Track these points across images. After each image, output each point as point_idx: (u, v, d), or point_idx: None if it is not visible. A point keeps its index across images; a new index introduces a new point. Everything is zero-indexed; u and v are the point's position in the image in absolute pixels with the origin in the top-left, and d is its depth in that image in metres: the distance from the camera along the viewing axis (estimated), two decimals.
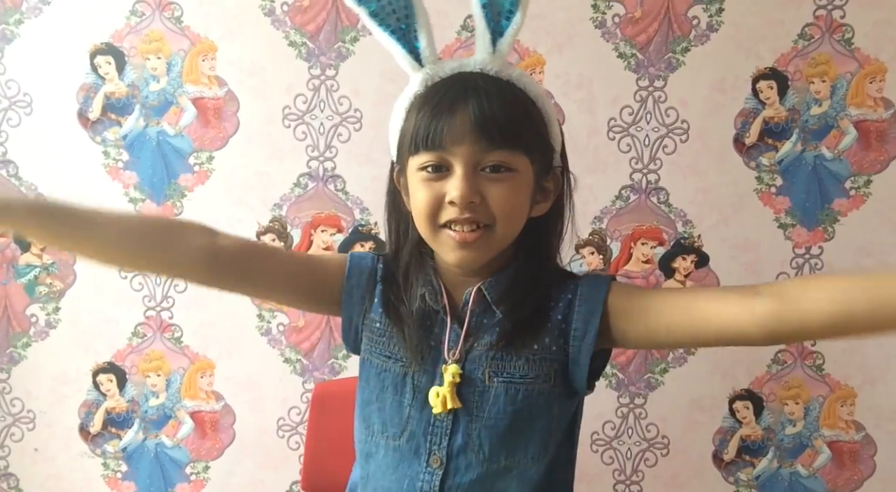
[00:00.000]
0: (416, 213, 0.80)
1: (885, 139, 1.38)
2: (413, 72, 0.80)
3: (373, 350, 0.86)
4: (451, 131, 0.75)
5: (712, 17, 1.36)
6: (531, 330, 0.81)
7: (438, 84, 0.79)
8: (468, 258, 0.78)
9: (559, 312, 0.82)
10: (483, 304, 0.82)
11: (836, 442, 1.47)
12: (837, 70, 1.37)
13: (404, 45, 0.80)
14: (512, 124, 0.76)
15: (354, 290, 0.87)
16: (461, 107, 0.75)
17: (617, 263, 1.43)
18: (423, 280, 0.84)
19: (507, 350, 0.81)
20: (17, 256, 1.44)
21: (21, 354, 1.47)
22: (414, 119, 0.78)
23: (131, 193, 1.43)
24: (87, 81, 1.40)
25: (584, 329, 0.80)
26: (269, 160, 1.41)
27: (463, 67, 0.80)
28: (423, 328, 0.83)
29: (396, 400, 0.83)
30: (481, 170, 0.76)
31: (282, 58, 1.38)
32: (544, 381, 0.81)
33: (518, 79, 0.80)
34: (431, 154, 0.76)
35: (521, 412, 0.81)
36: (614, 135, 1.40)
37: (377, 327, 0.86)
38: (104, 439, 1.50)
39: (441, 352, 0.82)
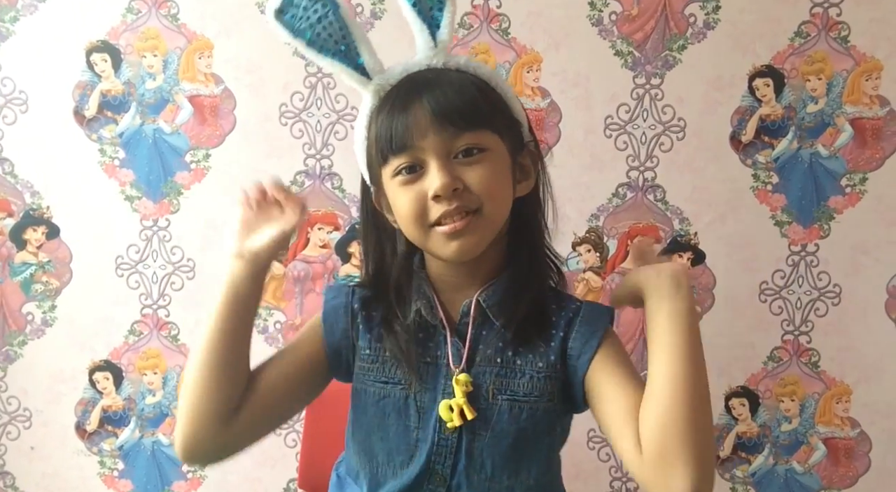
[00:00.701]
0: (403, 219, 0.78)
1: (881, 137, 1.38)
2: (363, 88, 0.80)
3: (366, 379, 0.83)
4: (412, 127, 0.74)
5: (709, 15, 1.36)
6: (533, 344, 0.80)
7: (390, 91, 0.79)
8: (464, 247, 0.76)
9: (560, 330, 0.81)
10: (482, 315, 0.81)
11: (832, 439, 1.48)
12: (833, 68, 1.37)
13: (348, 65, 0.79)
14: (471, 106, 0.75)
15: (335, 327, 0.84)
16: (416, 103, 0.74)
17: (613, 260, 1.43)
18: (417, 294, 0.82)
19: (510, 366, 0.80)
20: (13, 254, 1.44)
21: (17, 353, 1.47)
22: (375, 130, 0.77)
23: (127, 191, 1.43)
24: (82, 79, 1.40)
25: (580, 349, 0.80)
26: (266, 158, 1.41)
27: (409, 69, 0.80)
28: (418, 345, 0.81)
29: (402, 425, 0.81)
30: (454, 157, 0.75)
31: (278, 55, 1.38)
32: (548, 399, 0.80)
33: (465, 65, 0.80)
34: (401, 156, 0.75)
35: (526, 431, 0.80)
36: (611, 132, 1.40)
37: (367, 355, 0.83)
38: (101, 437, 1.50)
39: (440, 367, 0.81)
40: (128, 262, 1.44)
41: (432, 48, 0.79)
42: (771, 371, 1.46)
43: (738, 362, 1.45)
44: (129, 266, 1.44)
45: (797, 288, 1.43)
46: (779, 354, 1.45)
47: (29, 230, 1.43)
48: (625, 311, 1.43)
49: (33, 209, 1.43)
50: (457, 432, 0.79)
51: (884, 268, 1.42)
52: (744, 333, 1.44)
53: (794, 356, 1.45)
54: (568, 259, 1.42)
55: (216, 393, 0.76)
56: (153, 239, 1.44)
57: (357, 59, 0.79)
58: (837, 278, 1.43)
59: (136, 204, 1.43)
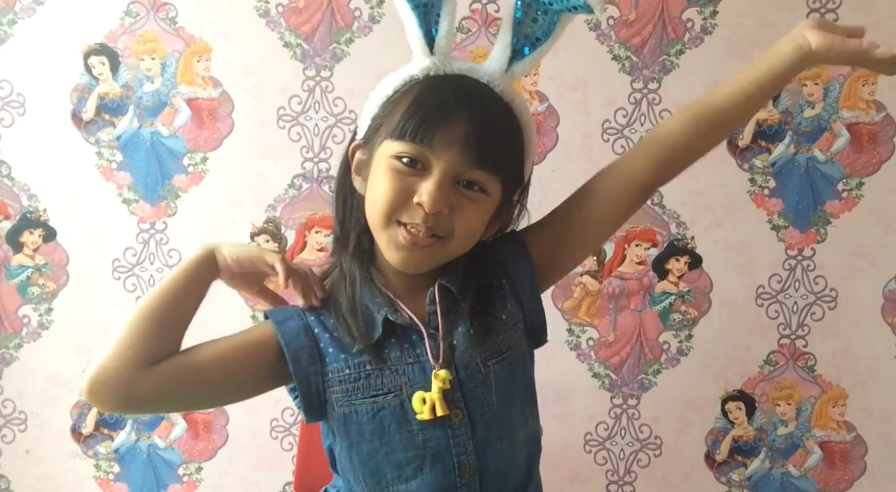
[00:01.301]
0: (374, 201, 0.76)
1: (878, 142, 1.39)
2: (421, 55, 0.77)
3: (354, 399, 0.79)
4: (443, 133, 0.71)
5: (706, 20, 1.37)
6: (493, 303, 0.81)
7: (441, 79, 0.76)
8: (412, 261, 0.76)
9: (503, 277, 0.83)
10: (448, 298, 0.79)
11: (828, 443, 1.48)
12: (830, 72, 1.38)
13: (422, 25, 0.75)
14: (502, 148, 0.75)
15: (301, 352, 0.79)
16: (464, 112, 0.72)
17: (611, 264, 1.43)
18: (375, 305, 0.79)
19: (485, 332, 0.80)
20: (10, 257, 1.44)
21: (13, 355, 1.46)
22: (407, 105, 0.74)
23: (125, 194, 1.43)
24: (80, 82, 1.40)
25: (527, 281, 0.82)
26: (264, 161, 1.41)
27: (472, 72, 0.77)
28: (398, 349, 0.79)
29: (405, 432, 0.78)
30: (457, 182, 0.74)
31: (276, 59, 1.38)
32: (520, 343, 0.83)
33: (519, 106, 0.78)
34: (414, 147, 0.73)
35: (519, 383, 0.82)
36: (608, 137, 1.40)
37: (347, 375, 0.78)
38: (96, 440, 1.49)
39: (424, 364, 0.78)
40: (125, 265, 1.44)
41: (503, 71, 0.78)
42: (767, 375, 1.46)
43: (734, 366, 1.45)
44: (125, 269, 1.44)
45: (794, 292, 1.43)
46: (775, 358, 1.45)
47: (26, 233, 1.43)
48: (622, 314, 1.44)
49: (30, 212, 1.42)
50: (465, 419, 0.78)
51: (880, 272, 1.42)
52: (740, 337, 1.45)
53: (790, 360, 1.45)
54: None
55: (140, 340, 0.75)
56: (150, 242, 1.44)
57: (433, 25, 0.76)
58: (834, 283, 1.43)
59: (134, 207, 1.43)
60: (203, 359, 0.79)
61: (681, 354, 1.46)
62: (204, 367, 0.78)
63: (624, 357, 1.45)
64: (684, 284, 1.43)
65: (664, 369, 1.46)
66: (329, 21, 1.38)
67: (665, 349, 1.46)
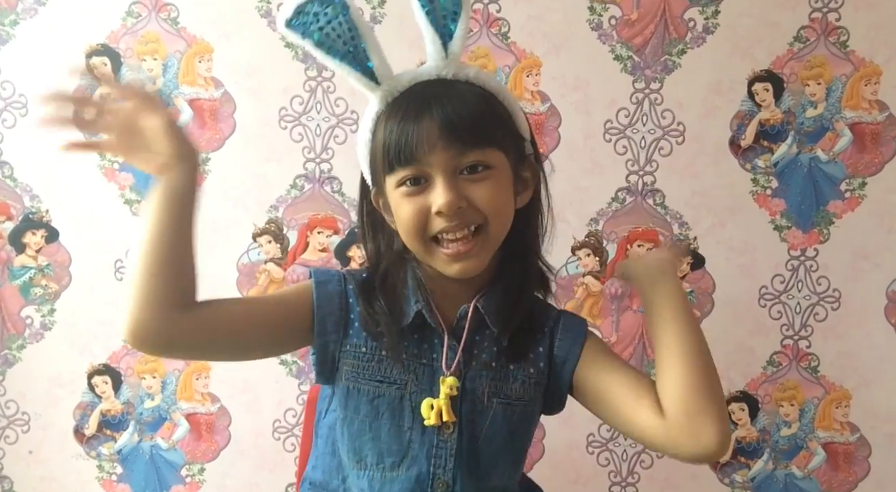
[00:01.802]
0: (404, 231, 0.79)
1: (880, 141, 1.38)
2: (371, 92, 0.80)
3: (360, 377, 0.82)
4: (420, 141, 0.74)
5: (708, 20, 1.37)
6: (524, 351, 0.84)
7: (398, 98, 0.78)
8: (468, 268, 0.78)
9: (546, 338, 0.85)
10: (478, 319, 0.82)
11: (831, 444, 1.47)
12: (833, 72, 1.37)
13: (356, 68, 0.78)
14: (479, 122, 0.76)
15: (328, 318, 0.82)
16: (426, 115, 0.74)
17: (613, 264, 1.43)
18: (414, 295, 0.82)
19: (504, 371, 0.83)
20: (13, 258, 1.44)
21: (16, 356, 1.46)
22: (381, 137, 0.77)
23: (127, 195, 1.43)
24: (82, 83, 1.40)
25: (564, 357, 0.84)
26: (266, 162, 1.41)
27: (419, 77, 0.79)
28: (415, 345, 0.82)
29: (395, 425, 0.81)
30: (460, 173, 0.76)
31: (278, 59, 1.38)
32: (535, 403, 0.85)
33: (475, 77, 0.79)
34: (407, 168, 0.75)
35: (515, 433, 0.84)
36: (610, 137, 1.40)
37: (363, 352, 0.82)
38: (99, 441, 1.50)
39: (436, 369, 0.82)
40: (126, 266, 1.44)
41: (443, 58, 0.79)
42: (770, 376, 1.45)
43: (737, 367, 1.45)
44: None
45: (796, 293, 1.43)
46: (778, 359, 1.45)
47: (28, 234, 1.43)
48: (624, 315, 1.43)
49: (32, 213, 1.43)
50: (454, 434, 0.81)
51: (883, 272, 1.42)
52: (743, 338, 1.44)
53: (793, 361, 1.45)
54: (567, 263, 1.42)
55: (164, 282, 0.75)
56: None
57: (366, 62, 0.78)
58: (837, 283, 1.43)
59: (136, 208, 1.43)
60: (238, 313, 0.81)
61: None
62: (238, 320, 0.80)
63: (626, 358, 1.45)
64: (686, 285, 1.43)
65: None
66: None
67: None
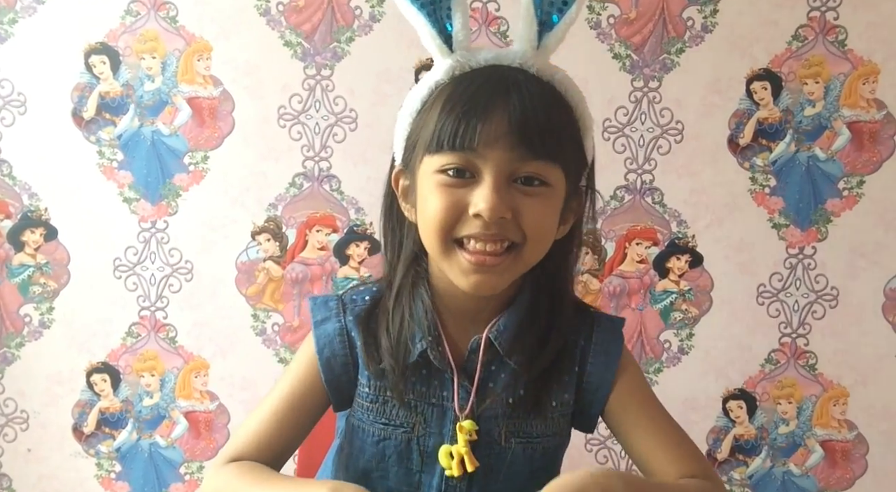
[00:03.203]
0: (426, 224, 0.68)
1: (878, 140, 1.39)
2: (441, 57, 0.69)
3: (365, 418, 0.75)
4: (484, 132, 0.63)
5: (707, 19, 1.37)
6: (547, 381, 0.73)
7: (469, 75, 0.68)
8: (484, 284, 0.67)
9: (575, 363, 0.75)
10: (492, 352, 0.72)
11: (829, 441, 1.48)
12: (831, 71, 1.37)
13: (434, 24, 0.68)
14: (554, 132, 0.66)
15: (334, 361, 0.75)
16: (498, 104, 0.64)
17: (612, 263, 1.43)
18: (419, 326, 0.72)
19: (523, 407, 0.73)
20: (11, 256, 1.44)
21: (15, 354, 1.46)
22: (437, 113, 0.66)
23: (126, 193, 1.43)
24: (81, 81, 1.40)
25: (598, 384, 0.75)
26: (265, 160, 1.41)
27: (500, 59, 0.69)
28: (423, 384, 0.73)
29: (403, 468, 0.74)
30: (513, 181, 0.66)
31: (277, 58, 1.38)
32: (561, 435, 0.77)
33: (560, 82, 0.70)
34: (457, 156, 0.65)
35: (538, 471, 0.74)
36: (609, 135, 1.40)
37: (367, 393, 0.75)
38: (98, 439, 1.50)
39: (446, 410, 0.73)
40: (126, 264, 1.44)
41: (534, 48, 0.69)
42: (769, 374, 1.46)
43: (735, 365, 1.45)
44: (126, 268, 1.44)
45: (794, 291, 1.43)
46: (776, 357, 1.45)
47: (27, 232, 1.43)
48: (623, 312, 1.44)
49: (31, 211, 1.43)
50: (466, 477, 0.72)
51: (881, 270, 1.42)
52: (741, 336, 1.45)
53: (791, 358, 1.45)
54: None
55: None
56: (151, 241, 1.44)
57: (446, 21, 0.68)
58: (835, 281, 1.43)
59: (135, 206, 1.43)
60: (283, 453, 0.78)
61: (682, 352, 1.46)
62: (287, 452, 0.78)
63: None
64: (685, 283, 1.43)
65: (665, 368, 1.46)
66: (329, 20, 1.38)
67: (666, 348, 1.46)
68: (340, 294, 0.79)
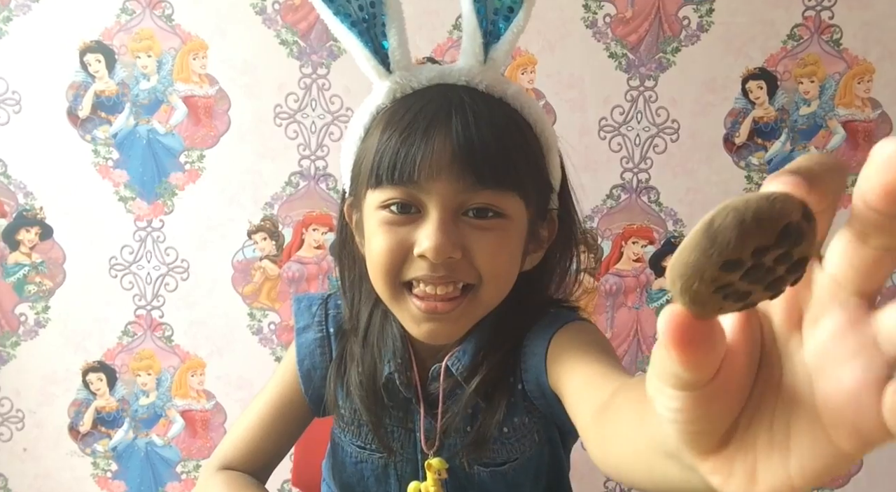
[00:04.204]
0: (372, 267, 0.62)
1: (873, 139, 1.39)
2: (378, 79, 0.63)
3: (343, 437, 0.73)
4: (425, 161, 0.57)
5: (702, 18, 1.37)
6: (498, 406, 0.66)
7: (410, 97, 0.61)
8: (438, 333, 0.61)
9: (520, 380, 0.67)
10: (452, 381, 0.67)
11: None
12: (826, 70, 1.38)
13: (367, 43, 0.61)
14: (505, 156, 0.59)
15: (313, 373, 0.73)
16: (440, 130, 0.57)
17: (608, 262, 1.43)
18: (388, 350, 0.67)
19: (481, 435, 0.66)
20: (6, 255, 1.43)
21: (10, 354, 1.46)
22: (377, 142, 0.60)
23: (121, 192, 1.42)
24: (76, 79, 1.39)
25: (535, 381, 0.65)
26: (261, 159, 1.41)
27: (444, 78, 0.62)
28: (398, 409, 0.69)
29: (384, 486, 0.72)
30: (463, 214, 0.59)
31: (273, 56, 1.38)
32: (530, 448, 0.70)
33: (514, 97, 0.63)
34: (398, 190, 0.58)
35: (514, 486, 0.70)
36: (605, 134, 1.40)
37: (343, 414, 0.72)
38: (94, 438, 1.49)
39: (417, 438, 0.69)
40: (121, 263, 1.44)
41: (481, 62, 0.62)
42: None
43: None
44: (122, 267, 1.44)
45: None
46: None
47: (22, 231, 1.43)
48: (619, 311, 1.44)
49: (26, 210, 1.42)
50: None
51: None
52: None
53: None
54: None
55: None
56: (147, 240, 1.44)
57: (381, 39, 0.62)
58: None
59: (130, 205, 1.43)
60: (270, 464, 0.79)
61: None
62: (274, 462, 0.79)
63: (621, 354, 1.46)
64: None
65: None
66: None
67: None
68: (327, 297, 0.75)
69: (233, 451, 0.76)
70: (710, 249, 0.22)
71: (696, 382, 0.24)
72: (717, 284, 0.23)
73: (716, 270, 0.22)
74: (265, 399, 0.77)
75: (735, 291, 0.23)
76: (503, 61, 0.63)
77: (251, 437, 0.76)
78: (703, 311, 0.24)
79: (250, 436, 0.76)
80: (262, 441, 0.76)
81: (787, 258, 0.23)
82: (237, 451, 0.76)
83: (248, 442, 0.76)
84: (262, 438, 0.76)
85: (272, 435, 0.76)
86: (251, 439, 0.76)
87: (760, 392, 0.26)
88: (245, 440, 0.76)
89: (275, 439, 0.77)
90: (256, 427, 0.76)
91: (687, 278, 0.23)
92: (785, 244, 0.22)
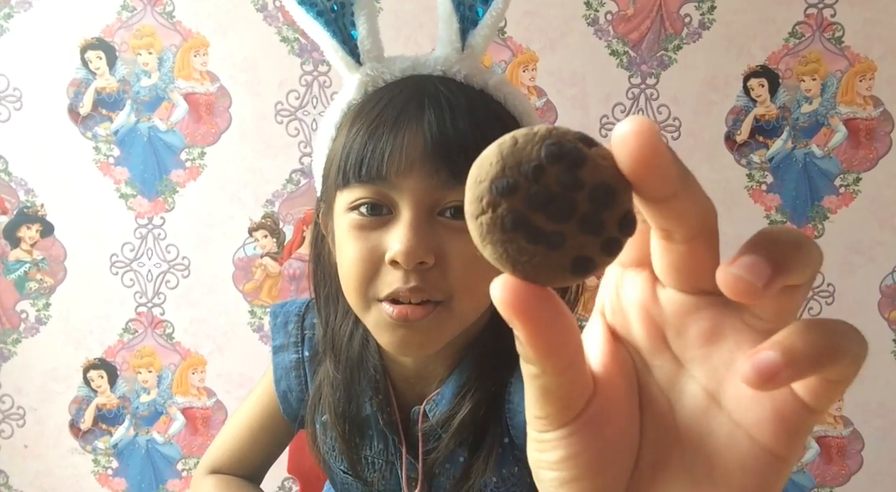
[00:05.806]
0: (343, 277, 0.57)
1: (875, 137, 1.39)
2: (348, 72, 0.59)
3: (328, 458, 0.69)
4: (395, 155, 0.52)
5: (704, 15, 1.37)
6: (486, 455, 0.62)
7: (382, 90, 0.57)
8: (410, 344, 0.56)
9: (504, 430, 0.62)
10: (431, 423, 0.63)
11: (825, 437, 1.48)
12: (828, 68, 1.38)
13: (335, 34, 0.57)
14: (484, 147, 0.57)
15: (289, 395, 0.70)
16: (412, 123, 0.53)
17: None
18: (368, 381, 0.63)
19: (469, 482, 0.62)
20: (7, 252, 1.43)
21: (11, 351, 1.46)
22: (344, 138, 0.56)
23: (122, 189, 1.42)
24: (77, 76, 1.39)
25: (523, 428, 0.59)
26: (262, 156, 1.41)
27: (418, 68, 0.58)
28: (380, 440, 0.65)
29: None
30: (439, 214, 0.54)
31: (274, 53, 1.38)
32: (528, 484, 0.64)
33: (496, 88, 0.58)
34: (366, 188, 0.54)
35: None
36: (606, 132, 1.40)
37: (324, 441, 0.68)
38: (95, 435, 1.50)
39: (399, 476, 0.65)
40: (122, 260, 1.44)
41: (458, 51, 0.58)
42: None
43: None
44: (123, 264, 1.44)
45: None
46: None
47: (23, 228, 1.43)
48: None
49: (27, 207, 1.42)
50: None
51: (877, 267, 1.42)
52: None
53: None
54: None
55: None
56: (148, 237, 1.44)
57: (350, 29, 0.58)
58: (831, 278, 1.43)
59: (131, 202, 1.43)
60: (258, 475, 0.78)
61: None
62: (262, 471, 0.79)
63: None
64: None
65: None
66: None
67: None
68: (304, 312, 0.70)
69: (222, 456, 0.76)
70: (478, 175, 0.22)
71: (547, 366, 0.22)
72: (513, 217, 0.21)
73: (492, 195, 0.21)
74: (250, 407, 0.76)
75: (545, 233, 0.21)
76: (482, 48, 0.59)
77: (238, 445, 0.76)
78: (519, 261, 0.22)
79: (237, 445, 0.76)
80: (250, 449, 0.76)
81: (600, 203, 0.21)
82: (225, 456, 0.76)
83: (236, 450, 0.76)
84: (249, 446, 0.76)
85: (259, 443, 0.76)
86: (237, 448, 0.75)
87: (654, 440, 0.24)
88: (232, 448, 0.76)
89: (262, 445, 0.77)
90: (244, 435, 0.76)
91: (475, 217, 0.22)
92: (562, 163, 0.21)
